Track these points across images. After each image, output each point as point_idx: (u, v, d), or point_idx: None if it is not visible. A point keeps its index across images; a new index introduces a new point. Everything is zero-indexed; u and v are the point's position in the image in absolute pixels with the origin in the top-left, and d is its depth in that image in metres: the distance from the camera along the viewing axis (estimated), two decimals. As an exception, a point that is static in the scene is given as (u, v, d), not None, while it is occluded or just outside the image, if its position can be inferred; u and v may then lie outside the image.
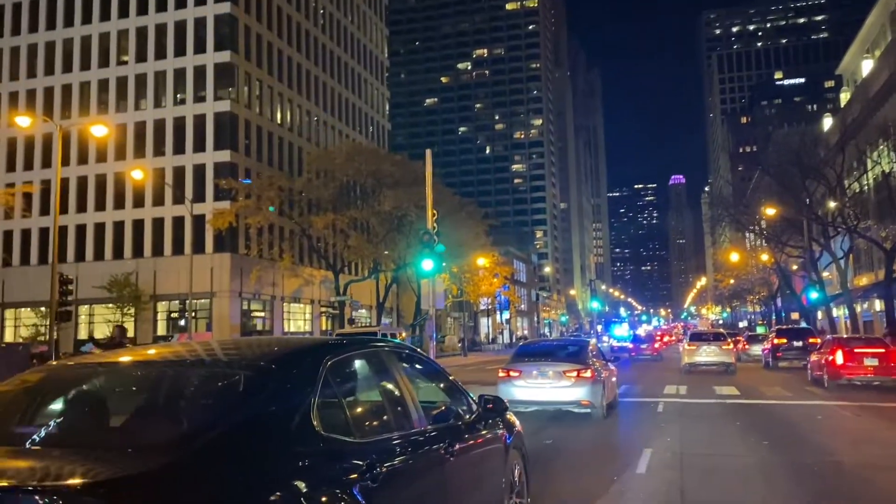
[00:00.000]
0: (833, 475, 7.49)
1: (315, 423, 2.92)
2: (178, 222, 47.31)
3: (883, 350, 17.64)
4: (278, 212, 45.36)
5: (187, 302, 42.08)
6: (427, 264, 15.69)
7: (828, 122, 53.82)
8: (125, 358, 3.65)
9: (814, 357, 20.07)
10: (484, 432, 4.63)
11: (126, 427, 2.96)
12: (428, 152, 17.98)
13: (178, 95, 50.31)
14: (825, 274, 41.95)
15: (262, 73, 52.50)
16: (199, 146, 48.90)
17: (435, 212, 16.90)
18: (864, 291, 41.65)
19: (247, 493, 2.47)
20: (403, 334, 29.60)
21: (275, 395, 2.97)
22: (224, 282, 46.43)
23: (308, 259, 53.21)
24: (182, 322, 46.67)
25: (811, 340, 25.55)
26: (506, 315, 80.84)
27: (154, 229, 49.11)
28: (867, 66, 46.67)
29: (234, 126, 49.01)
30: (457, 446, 4.03)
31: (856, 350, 17.54)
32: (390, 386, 3.86)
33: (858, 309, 39.98)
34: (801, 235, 39.08)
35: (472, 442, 4.38)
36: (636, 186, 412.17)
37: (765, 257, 51.94)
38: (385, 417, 3.72)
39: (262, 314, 51.50)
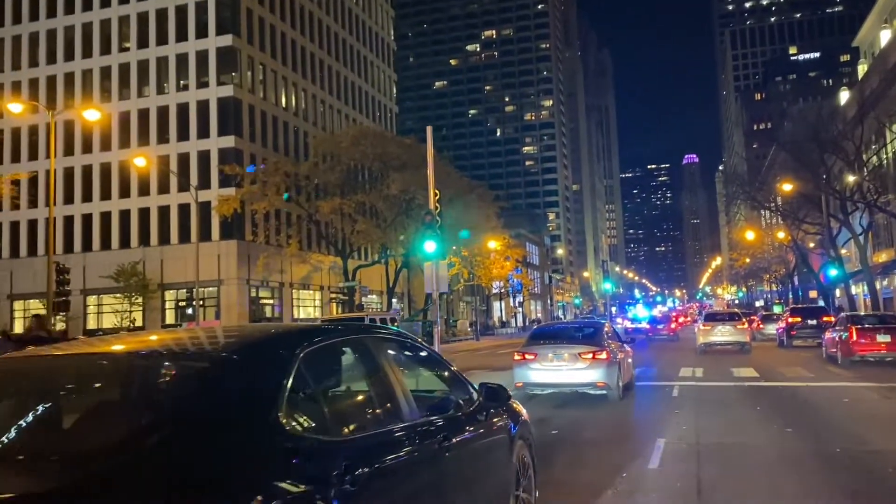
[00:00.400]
0: (867, 466, 6.86)
1: (284, 421, 2.56)
2: (184, 210, 47.11)
3: (895, 326, 18.02)
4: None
5: (195, 290, 41.92)
6: (430, 246, 15.19)
7: (845, 96, 52.55)
8: (62, 352, 3.20)
9: (828, 335, 20.35)
10: (486, 423, 4.25)
11: (62, 433, 2.58)
12: (429, 129, 17.44)
13: (181, 81, 49.90)
14: (844, 251, 41.18)
15: (266, 56, 51.91)
16: (203, 132, 48.56)
17: (437, 192, 16.43)
18: (883, 268, 40.92)
19: None
20: (396, 320, 29.23)
21: (236, 391, 2.57)
22: (231, 269, 46.23)
23: (316, 245, 52.90)
24: (190, 310, 46.59)
25: (825, 319, 25.71)
26: (518, 298, 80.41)
27: (160, 217, 48.96)
28: (885, 36, 45.44)
29: (238, 111, 48.58)
30: (454, 440, 3.67)
31: (869, 327, 17.99)
32: (377, 377, 3.46)
33: (878, 286, 39.21)
34: (819, 211, 38.30)
35: (472, 434, 4.02)
36: (649, 167, 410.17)
37: (781, 235, 51.03)
38: (370, 412, 3.38)
39: (271, 301, 51.30)
